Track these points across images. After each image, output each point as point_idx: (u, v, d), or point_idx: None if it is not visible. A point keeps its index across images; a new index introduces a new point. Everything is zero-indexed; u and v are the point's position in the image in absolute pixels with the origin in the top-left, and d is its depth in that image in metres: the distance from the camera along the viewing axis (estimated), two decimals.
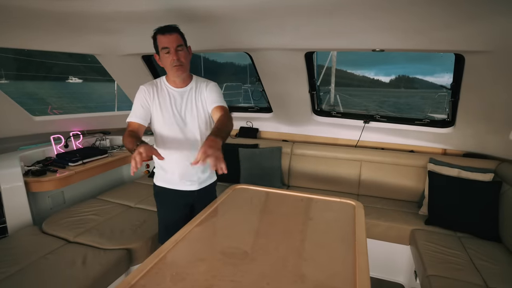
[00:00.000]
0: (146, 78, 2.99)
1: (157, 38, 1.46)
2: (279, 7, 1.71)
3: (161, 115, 1.53)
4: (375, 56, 60.52)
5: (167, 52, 1.45)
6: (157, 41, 1.46)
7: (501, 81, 1.92)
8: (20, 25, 1.98)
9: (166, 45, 1.44)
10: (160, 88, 1.55)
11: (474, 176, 2.29)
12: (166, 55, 1.46)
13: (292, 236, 1.25)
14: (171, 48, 1.44)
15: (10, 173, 2.16)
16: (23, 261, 1.69)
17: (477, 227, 2.12)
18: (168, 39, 1.44)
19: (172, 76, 1.53)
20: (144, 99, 1.51)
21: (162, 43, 1.45)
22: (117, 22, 2.09)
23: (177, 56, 1.46)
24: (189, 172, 1.62)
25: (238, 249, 1.15)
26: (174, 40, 1.44)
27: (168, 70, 1.52)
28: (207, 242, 1.23)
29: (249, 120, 3.33)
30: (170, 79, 1.57)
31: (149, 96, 1.52)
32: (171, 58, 1.45)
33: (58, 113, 11.61)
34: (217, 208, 1.50)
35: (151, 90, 1.53)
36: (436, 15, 1.59)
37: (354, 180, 2.83)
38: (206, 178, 1.70)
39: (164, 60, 1.48)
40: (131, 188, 2.84)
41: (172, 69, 1.48)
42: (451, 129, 2.54)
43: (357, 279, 0.95)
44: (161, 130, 1.55)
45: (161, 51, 1.46)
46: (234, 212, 1.49)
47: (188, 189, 1.65)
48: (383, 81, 53.08)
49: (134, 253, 1.89)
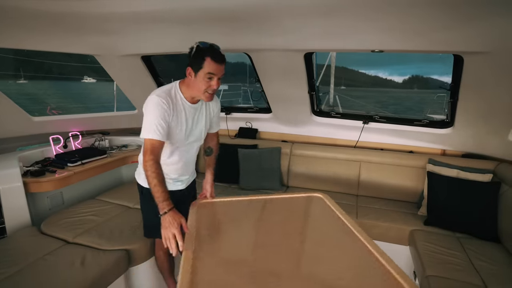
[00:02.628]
0: (146, 79, 2.99)
1: (206, 60, 1.37)
2: (278, 8, 1.71)
3: (177, 130, 1.49)
4: (390, 56, 60.16)
5: (210, 78, 1.40)
6: (205, 63, 1.38)
7: (500, 81, 1.92)
8: (19, 25, 1.97)
9: (214, 72, 1.39)
10: (176, 102, 1.48)
11: (473, 177, 2.29)
12: (207, 79, 1.40)
13: (291, 238, 1.25)
14: (217, 77, 1.41)
15: (9, 174, 2.15)
16: (22, 262, 1.68)
17: (476, 227, 2.13)
18: (218, 68, 1.39)
19: (197, 96, 1.49)
20: (166, 115, 1.41)
21: (211, 69, 1.38)
22: (117, 22, 2.09)
23: (217, 86, 1.43)
24: (180, 178, 1.69)
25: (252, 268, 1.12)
26: (222, 71, 1.42)
27: (198, 91, 1.45)
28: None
29: (248, 121, 3.33)
30: (188, 93, 1.49)
31: (169, 112, 1.43)
32: (211, 85, 1.41)
33: (57, 114, 11.62)
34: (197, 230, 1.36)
35: (170, 105, 1.44)
36: (436, 17, 1.60)
37: (353, 180, 2.83)
38: (190, 177, 1.79)
39: (201, 82, 1.41)
40: (130, 188, 2.83)
41: (205, 94, 1.44)
42: (450, 129, 2.55)
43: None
44: (167, 146, 1.53)
45: (205, 74, 1.39)
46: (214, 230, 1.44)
47: (177, 189, 1.69)
48: (396, 81, 52.81)
49: (133, 254, 1.89)
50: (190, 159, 1.68)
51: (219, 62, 1.39)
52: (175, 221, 1.25)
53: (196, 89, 1.44)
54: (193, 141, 1.61)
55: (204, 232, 1.34)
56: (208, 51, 1.38)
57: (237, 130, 3.37)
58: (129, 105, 3.41)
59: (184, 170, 1.68)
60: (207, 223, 1.46)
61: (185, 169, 1.68)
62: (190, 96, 1.50)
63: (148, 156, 1.36)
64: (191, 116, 1.54)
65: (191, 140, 1.59)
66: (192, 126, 1.55)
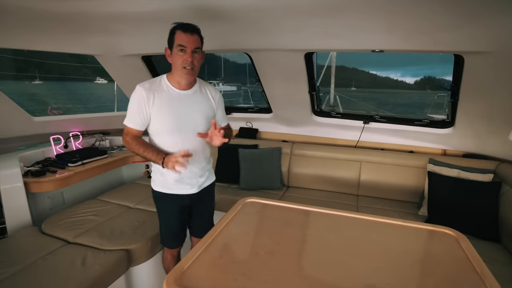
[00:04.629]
0: (146, 79, 2.95)
1: (176, 33, 1.38)
2: (278, 7, 1.71)
3: (162, 118, 1.46)
4: (403, 57, 59.42)
5: (182, 50, 1.38)
6: (175, 36, 1.38)
7: (501, 81, 1.92)
8: (18, 25, 1.97)
9: (184, 44, 1.37)
10: (159, 89, 1.46)
11: (473, 177, 2.29)
12: (180, 53, 1.39)
13: None
14: (188, 48, 1.38)
15: (10, 174, 2.16)
16: (22, 262, 1.68)
17: (477, 227, 2.12)
18: (188, 39, 1.37)
19: (179, 77, 1.46)
20: (142, 104, 1.43)
21: (180, 40, 1.37)
22: (117, 22, 2.09)
23: (192, 58, 1.40)
24: (188, 177, 1.59)
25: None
26: (193, 41, 1.39)
27: (177, 70, 1.43)
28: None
29: (248, 121, 3.33)
30: (173, 79, 1.48)
31: (147, 100, 1.43)
32: (185, 59, 1.39)
33: (58, 114, 11.64)
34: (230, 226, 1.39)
35: (150, 93, 1.43)
36: (441, 15, 1.58)
37: (354, 180, 2.83)
38: (205, 180, 1.68)
39: (175, 58, 1.40)
40: (131, 188, 2.84)
41: (182, 70, 1.41)
42: (450, 129, 2.54)
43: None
44: (160, 134, 1.50)
45: (176, 47, 1.39)
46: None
47: (187, 193, 1.62)
48: (408, 83, 52.25)
49: (133, 254, 1.89)
50: (192, 151, 1.52)
51: (188, 32, 1.38)
52: (172, 156, 1.38)
53: (175, 68, 1.45)
54: (189, 130, 1.50)
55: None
56: (178, 25, 1.40)
57: (238, 130, 3.37)
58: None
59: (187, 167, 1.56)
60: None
61: (188, 166, 1.56)
62: (176, 82, 1.49)
63: (124, 137, 1.51)
64: (180, 102, 1.49)
65: (186, 129, 1.50)
66: (182, 112, 1.48)
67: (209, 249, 1.19)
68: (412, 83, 49.46)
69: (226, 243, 1.27)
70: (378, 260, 1.17)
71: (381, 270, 1.11)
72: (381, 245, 1.29)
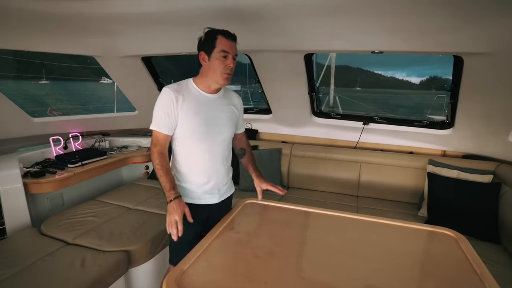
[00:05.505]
0: (146, 80, 2.99)
1: (218, 39, 1.36)
2: (278, 8, 1.71)
3: (189, 121, 1.41)
4: (408, 57, 59.45)
5: (225, 56, 1.37)
6: (217, 42, 1.36)
7: (501, 82, 1.92)
8: (18, 26, 1.98)
9: (228, 49, 1.37)
10: (188, 91, 1.43)
11: (473, 178, 2.29)
12: (222, 58, 1.37)
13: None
14: (230, 54, 1.38)
15: (9, 175, 2.15)
16: (22, 263, 1.68)
17: (477, 228, 2.12)
18: (231, 45, 1.38)
19: (214, 82, 1.43)
20: (171, 105, 1.38)
21: (223, 46, 1.36)
22: (117, 23, 2.10)
23: (233, 64, 1.41)
24: (211, 185, 1.52)
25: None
26: (235, 48, 1.40)
27: (215, 74, 1.40)
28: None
29: (248, 122, 3.33)
30: (203, 83, 1.45)
31: (176, 102, 1.38)
32: (227, 64, 1.38)
33: (58, 115, 11.64)
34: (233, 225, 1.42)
35: (179, 94, 1.39)
36: (443, 16, 1.59)
37: (354, 181, 2.83)
38: (226, 190, 1.62)
39: (216, 62, 1.38)
40: (131, 189, 2.83)
41: (222, 75, 1.39)
42: (450, 130, 2.55)
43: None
44: (187, 139, 1.45)
45: (218, 53, 1.37)
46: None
47: (207, 203, 1.54)
48: (413, 82, 51.84)
49: (133, 255, 1.88)
50: (217, 158, 1.52)
51: (231, 38, 1.38)
52: (179, 208, 1.33)
53: (212, 73, 1.40)
54: (216, 133, 1.48)
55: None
56: (219, 31, 1.39)
57: None
58: (130, 106, 3.41)
59: (211, 172, 1.51)
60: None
61: (212, 171, 1.51)
62: (206, 86, 1.45)
63: (152, 147, 1.42)
64: (208, 106, 1.45)
65: (214, 131, 1.47)
66: (211, 115, 1.45)
67: (208, 250, 1.19)
68: (418, 83, 49.12)
69: (226, 244, 1.27)
70: (378, 261, 1.17)
71: (381, 271, 1.11)
72: (381, 246, 1.29)
